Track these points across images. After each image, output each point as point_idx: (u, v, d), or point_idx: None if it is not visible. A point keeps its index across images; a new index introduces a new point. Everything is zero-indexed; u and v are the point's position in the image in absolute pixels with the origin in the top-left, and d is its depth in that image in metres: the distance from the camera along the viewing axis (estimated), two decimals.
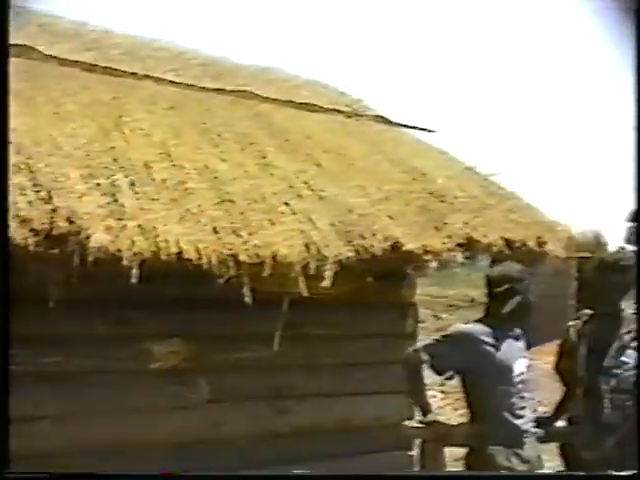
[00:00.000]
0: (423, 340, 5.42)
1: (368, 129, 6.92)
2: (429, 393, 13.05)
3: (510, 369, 4.71)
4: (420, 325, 6.91)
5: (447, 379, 5.17)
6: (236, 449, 5.59)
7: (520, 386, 4.73)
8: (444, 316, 20.57)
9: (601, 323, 4.96)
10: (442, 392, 12.73)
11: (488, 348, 4.72)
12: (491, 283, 4.84)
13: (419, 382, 4.95)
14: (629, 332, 4.86)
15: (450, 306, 23.61)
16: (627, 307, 5.06)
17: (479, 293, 4.93)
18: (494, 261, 5.40)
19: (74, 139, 4.96)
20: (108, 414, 5.11)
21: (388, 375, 6.01)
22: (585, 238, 25.59)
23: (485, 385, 4.74)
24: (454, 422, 5.49)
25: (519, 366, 4.74)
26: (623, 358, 4.81)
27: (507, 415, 4.70)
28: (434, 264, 5.66)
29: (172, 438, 5.35)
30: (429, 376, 5.03)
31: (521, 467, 4.68)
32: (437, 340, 4.91)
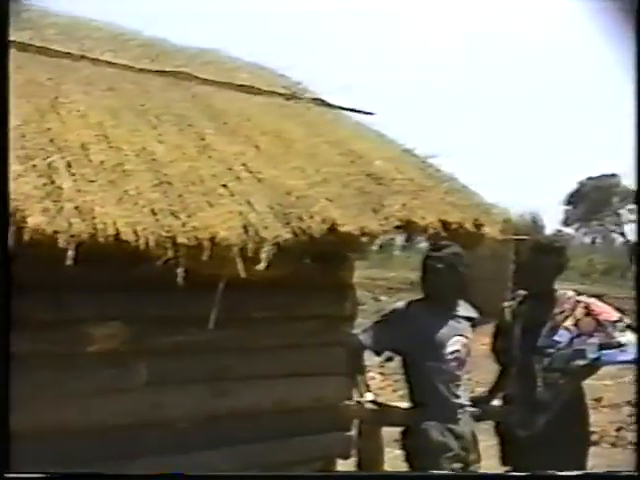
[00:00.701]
0: (362, 322, 5.48)
1: (307, 112, 6.92)
2: (369, 375, 13.20)
3: (443, 347, 4.79)
4: (360, 307, 6.95)
5: (386, 360, 5.25)
6: (175, 432, 5.59)
7: (454, 364, 4.81)
8: (383, 298, 20.81)
9: (534, 303, 5.06)
10: (381, 374, 12.85)
11: (422, 328, 4.80)
12: (426, 264, 4.92)
13: (358, 364, 5.02)
14: (562, 312, 4.97)
15: (390, 289, 23.85)
16: (559, 287, 5.19)
17: (418, 276, 4.97)
18: (432, 243, 5.46)
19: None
20: (46, 398, 5.08)
21: (327, 357, 6.07)
22: (523, 220, 26.05)
23: (419, 363, 4.82)
24: (393, 403, 5.55)
25: (453, 344, 4.82)
26: (556, 337, 4.92)
27: (441, 391, 4.79)
28: (372, 246, 5.72)
29: (110, 421, 5.33)
30: (368, 358, 5.09)
31: (454, 442, 4.76)
32: (375, 322, 4.98)
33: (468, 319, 5.01)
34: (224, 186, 5.16)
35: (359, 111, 7.25)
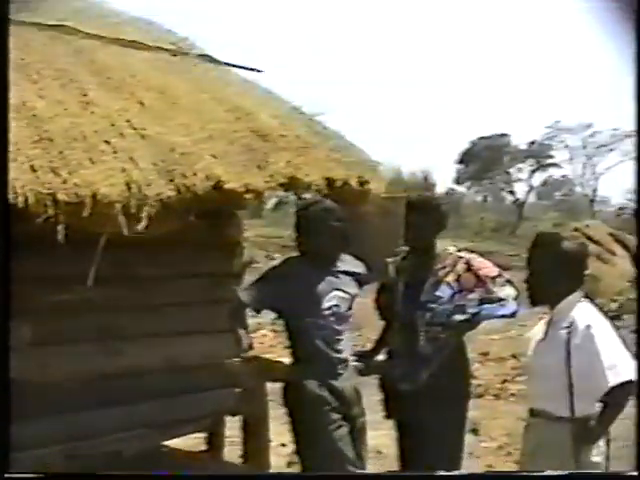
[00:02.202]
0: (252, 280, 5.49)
1: (193, 68, 6.83)
2: (260, 332, 13.21)
3: (320, 302, 4.86)
4: (253, 266, 6.98)
5: (278, 318, 5.29)
6: (63, 392, 5.53)
7: (332, 319, 4.89)
8: (277, 256, 20.81)
9: (416, 260, 5.17)
10: (274, 331, 12.95)
11: (299, 284, 4.87)
12: (301, 219, 4.98)
13: (240, 321, 5.07)
14: (443, 267, 5.08)
15: (284, 247, 23.91)
16: (451, 245, 5.31)
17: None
18: (299, 199, 5.52)
19: None
20: None
21: (215, 314, 6.06)
22: (414, 178, 26.35)
23: (298, 319, 4.90)
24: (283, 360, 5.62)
25: (331, 299, 4.90)
26: (437, 293, 5.03)
27: (320, 347, 4.86)
28: (264, 203, 5.72)
29: None
30: (262, 315, 5.14)
31: (331, 396, 4.85)
32: (255, 280, 5.04)
33: (351, 274, 5.09)
34: (107, 142, 5.07)
35: (247, 68, 7.20)
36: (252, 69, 7.23)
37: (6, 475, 3.28)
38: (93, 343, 5.73)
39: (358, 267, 5.18)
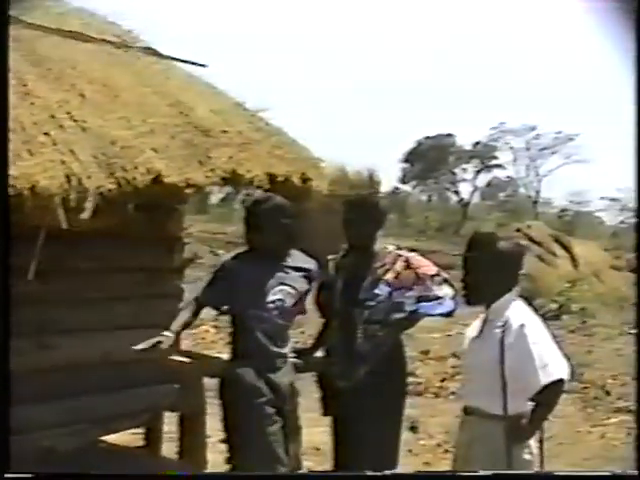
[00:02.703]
0: (199, 276, 5.49)
1: (137, 61, 6.77)
2: (202, 328, 13.12)
3: (265, 296, 4.87)
4: (198, 261, 6.95)
5: (220, 314, 5.28)
6: None
7: (275, 312, 4.90)
8: (221, 252, 20.76)
9: (356, 257, 5.19)
10: (215, 327, 12.91)
11: (247, 279, 4.87)
12: (251, 215, 4.98)
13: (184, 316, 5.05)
14: (382, 265, 5.12)
15: (228, 243, 23.85)
16: (396, 243, 5.35)
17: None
18: (247, 195, 5.52)
19: None
20: None
21: (154, 309, 6.05)
22: (359, 176, 26.40)
23: (242, 313, 4.90)
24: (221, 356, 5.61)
25: (276, 294, 4.91)
26: (376, 290, 5.07)
27: (260, 340, 4.87)
28: (209, 198, 5.70)
29: None
30: (204, 311, 5.13)
31: (266, 388, 4.86)
32: (210, 279, 5.03)
33: (300, 270, 5.10)
34: (46, 134, 5.01)
35: (191, 62, 7.16)
36: (196, 63, 7.19)
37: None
38: (29, 337, 5.66)
39: (309, 263, 5.19)
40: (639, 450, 4.00)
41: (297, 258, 5.13)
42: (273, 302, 4.90)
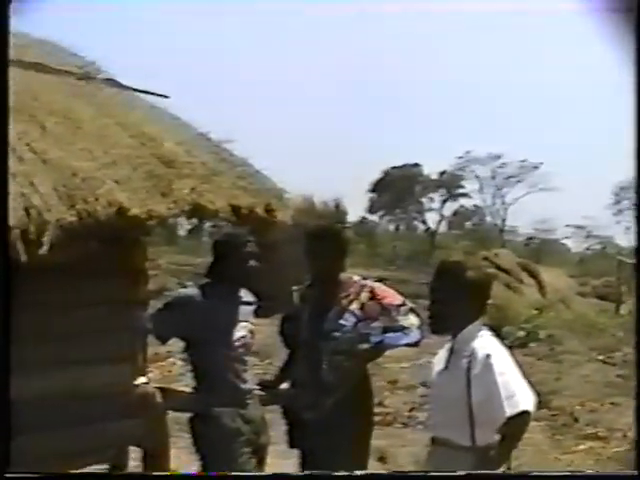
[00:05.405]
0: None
1: (99, 92, 6.74)
2: (169, 360, 13.01)
3: (230, 333, 4.82)
4: (165, 293, 6.89)
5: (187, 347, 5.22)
6: None
7: (242, 350, 4.86)
8: (189, 284, 20.61)
9: (320, 288, 5.16)
10: (183, 360, 12.77)
11: (207, 313, 4.82)
12: (215, 247, 4.95)
13: (141, 349, 4.99)
14: (347, 296, 5.08)
15: (196, 274, 23.72)
16: (365, 273, 5.32)
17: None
18: (214, 226, 5.49)
19: None
20: None
21: (116, 342, 5.96)
22: (326, 207, 26.48)
23: (206, 349, 4.84)
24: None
25: (240, 330, 4.87)
26: (341, 321, 5.03)
27: (230, 378, 4.82)
28: (178, 231, 5.65)
29: None
30: (171, 344, 5.07)
31: (245, 427, 4.81)
32: (159, 308, 4.97)
33: (249, 304, 5.08)
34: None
35: (153, 93, 7.14)
36: (159, 94, 7.16)
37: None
38: None
39: (249, 297, 5.18)
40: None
41: (242, 292, 5.12)
42: (239, 339, 4.87)
